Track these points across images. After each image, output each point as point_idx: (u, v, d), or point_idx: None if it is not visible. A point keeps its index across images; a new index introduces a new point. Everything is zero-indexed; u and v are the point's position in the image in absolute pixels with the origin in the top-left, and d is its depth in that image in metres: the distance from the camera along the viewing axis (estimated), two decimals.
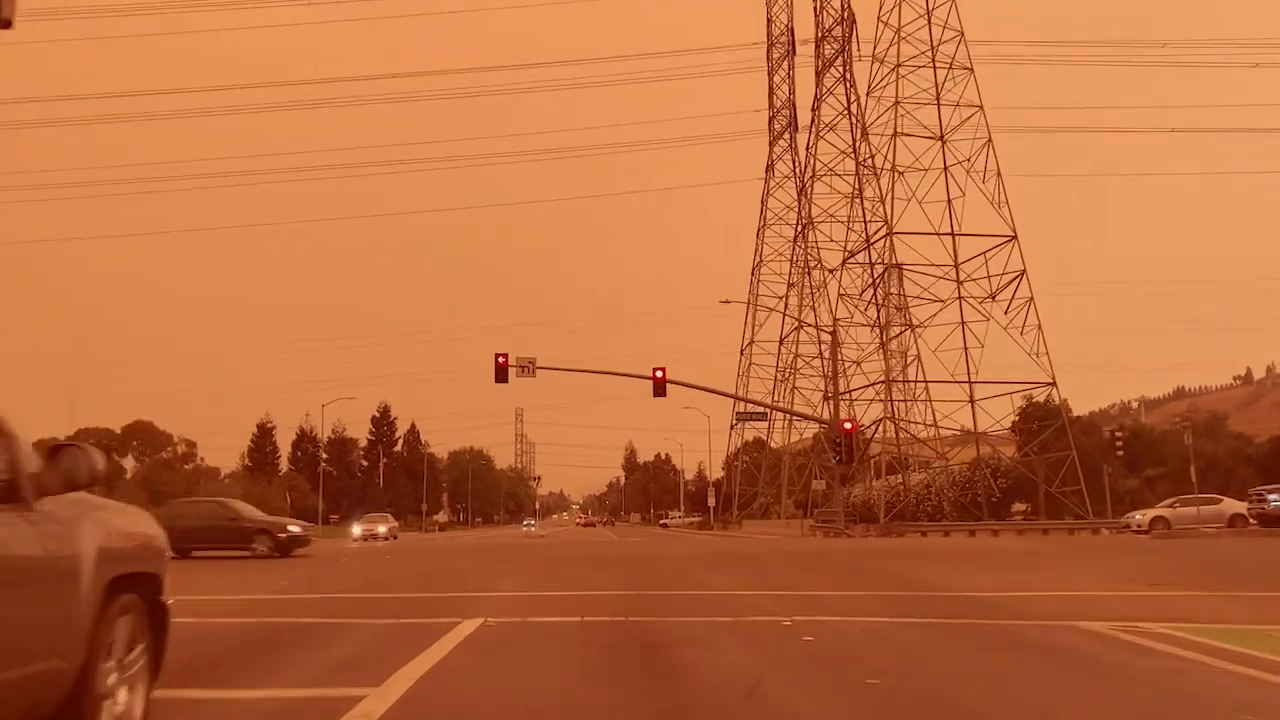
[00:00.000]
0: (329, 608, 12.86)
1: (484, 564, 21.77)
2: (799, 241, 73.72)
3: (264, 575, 18.76)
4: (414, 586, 15.91)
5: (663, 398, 43.11)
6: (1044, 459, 47.03)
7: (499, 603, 13.17)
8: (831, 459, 49.48)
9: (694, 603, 12.90)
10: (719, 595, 13.76)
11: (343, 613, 12.18)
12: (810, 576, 17.30)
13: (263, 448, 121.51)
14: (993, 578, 16.75)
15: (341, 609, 12.65)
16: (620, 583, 15.85)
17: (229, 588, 16.24)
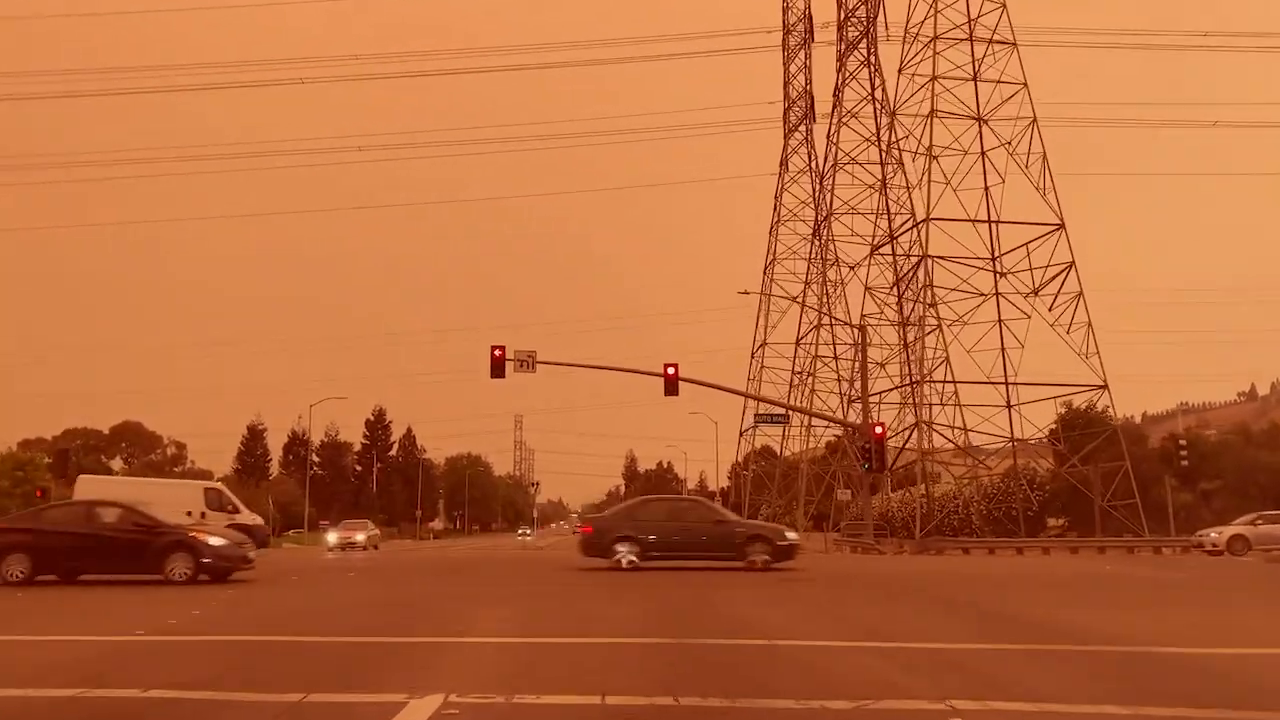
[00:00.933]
0: (215, 662, 8.54)
1: (466, 587, 17.43)
2: (817, 237, 69.43)
3: (163, 604, 14.35)
4: (361, 623, 11.57)
5: (673, 397, 38.62)
6: (1099, 469, 42.71)
7: (474, 659, 8.83)
8: (859, 466, 45.13)
9: (766, 662, 8.59)
10: (797, 648, 9.40)
11: (230, 675, 7.90)
12: (897, 614, 12.94)
13: (253, 450, 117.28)
14: (1150, 619, 12.42)
15: (232, 666, 8.34)
16: (647, 622, 11.51)
17: (91, 623, 11.92)
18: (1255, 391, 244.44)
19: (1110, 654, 9.32)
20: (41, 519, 19.48)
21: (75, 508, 20.48)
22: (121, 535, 18.25)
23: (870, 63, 62.69)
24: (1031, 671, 8.35)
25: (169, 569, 17.91)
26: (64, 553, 18.28)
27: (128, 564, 18.18)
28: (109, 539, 18.22)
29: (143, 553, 18.04)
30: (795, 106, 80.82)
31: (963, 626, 11.35)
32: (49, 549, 18.18)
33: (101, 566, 18.48)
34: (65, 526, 18.59)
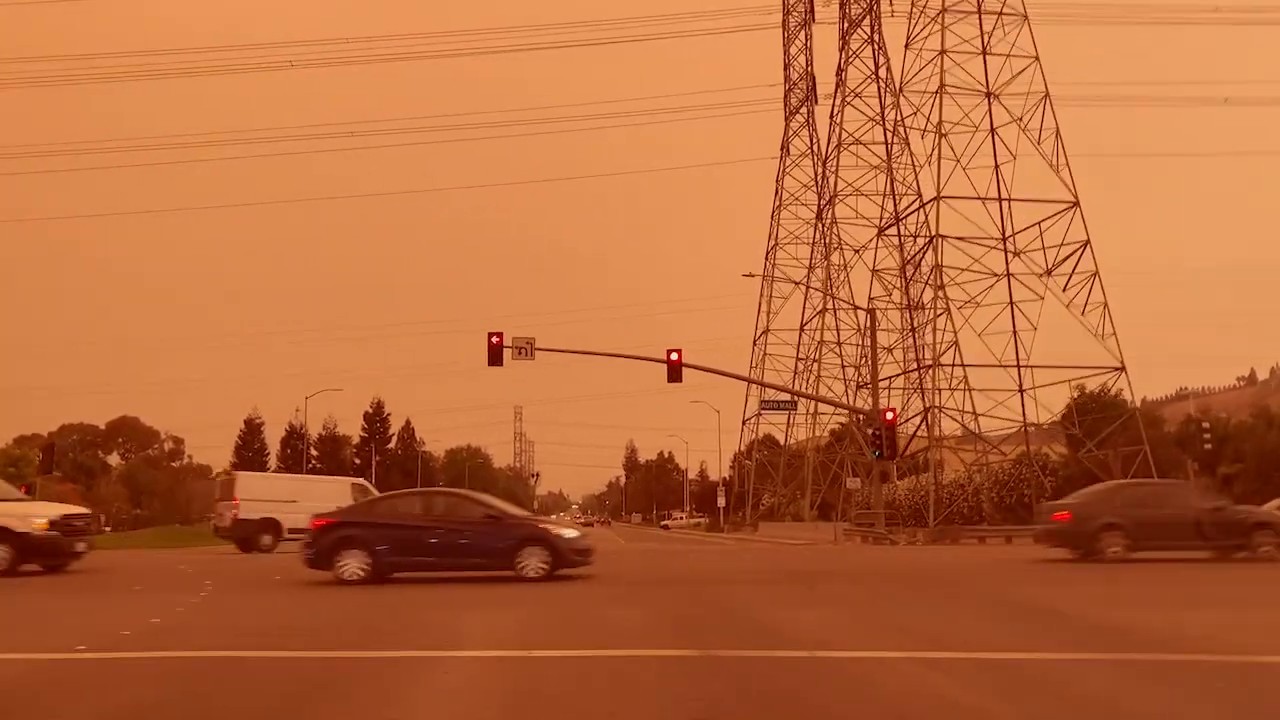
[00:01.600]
0: (161, 687, 7.13)
1: (458, 589, 16.05)
2: (820, 220, 67.98)
3: (133, 599, 12.98)
4: (334, 635, 10.18)
5: (676, 384, 37.17)
6: (1118, 453, 41.34)
7: (462, 681, 7.44)
8: (868, 454, 43.78)
9: (812, 681, 7.22)
10: (844, 661, 8.01)
11: (169, 708, 6.48)
12: (945, 615, 11.57)
13: (251, 444, 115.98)
14: (1229, 618, 11.05)
15: (171, 697, 6.93)
16: (661, 629, 10.14)
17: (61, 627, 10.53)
18: (1255, 376, 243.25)
19: (1207, 665, 7.96)
20: (376, 511, 17.76)
21: (411, 498, 18.90)
22: (467, 527, 16.70)
23: (874, 40, 61.12)
24: (1129, 689, 6.98)
25: (521, 564, 16.32)
26: (405, 547, 16.49)
27: (478, 558, 16.60)
28: (455, 531, 16.57)
29: (494, 546, 16.50)
30: (796, 89, 79.28)
31: (1024, 630, 9.98)
32: (390, 543, 16.44)
33: (445, 562, 16.67)
34: (404, 519, 16.85)
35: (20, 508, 20.33)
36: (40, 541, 19.18)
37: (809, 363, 67.06)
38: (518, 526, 16.95)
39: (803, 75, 78.84)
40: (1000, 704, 6.44)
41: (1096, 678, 7.45)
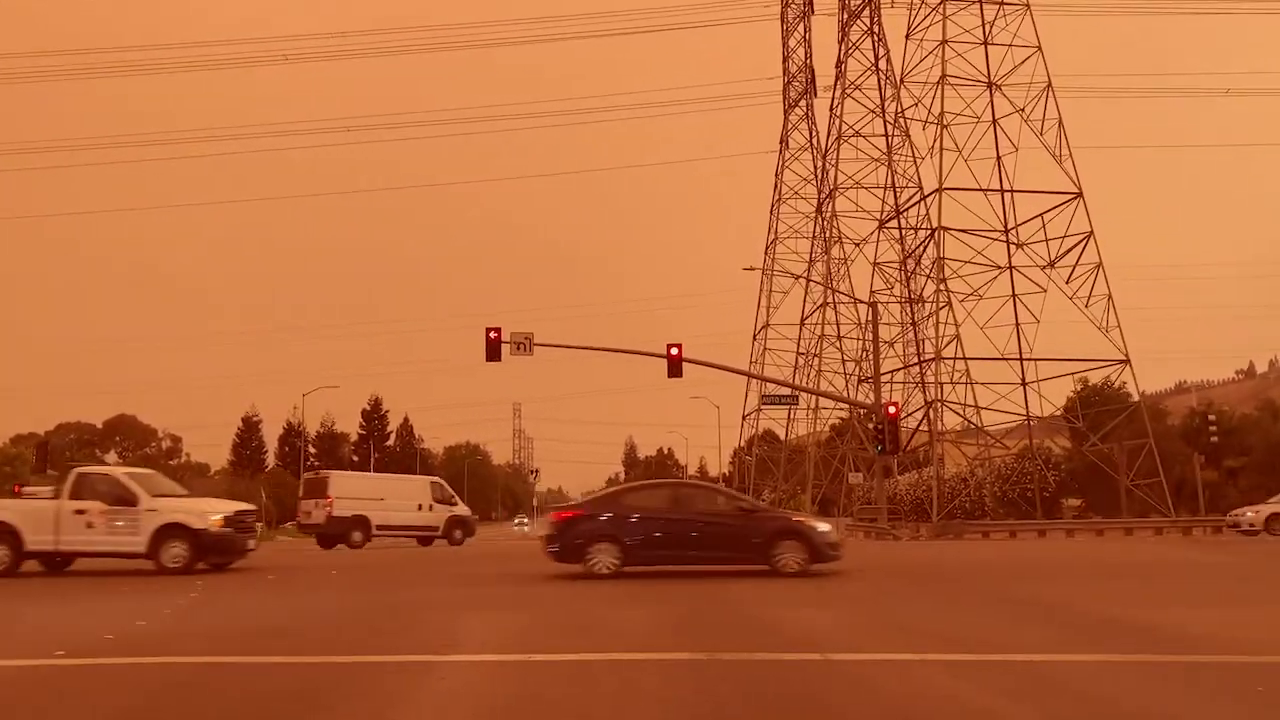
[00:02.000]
0: (136, 693, 6.70)
1: (456, 586, 15.64)
2: (820, 214, 67.53)
3: (121, 601, 12.54)
4: (328, 637, 9.77)
5: (676, 379, 36.69)
6: (1124, 446, 40.94)
7: (458, 688, 7.03)
8: (871, 449, 43.38)
9: (826, 686, 6.82)
10: (858, 664, 7.60)
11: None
12: (958, 615, 11.15)
13: (249, 442, 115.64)
14: (1257, 616, 10.65)
15: (154, 701, 6.51)
16: (666, 630, 9.72)
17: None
18: (1254, 369, 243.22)
19: (1241, 666, 7.55)
20: (622, 503, 16.91)
21: (658, 490, 18.24)
22: (719, 520, 16.13)
23: (874, 32, 60.69)
24: (1155, 692, 6.57)
25: (778, 558, 15.86)
26: (655, 540, 15.98)
27: (729, 552, 16.08)
28: (708, 524, 16.06)
29: (747, 539, 15.96)
30: (795, 81, 78.80)
31: (1040, 630, 9.57)
32: (640, 536, 15.99)
33: (694, 555, 16.13)
34: (653, 511, 16.33)
35: (194, 504, 20.12)
36: (216, 538, 18.93)
37: (809, 357, 66.65)
38: (771, 520, 16.56)
39: (802, 68, 78.38)
40: (1017, 706, 6.04)
41: (1121, 679, 7.04)
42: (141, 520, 18.75)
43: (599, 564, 15.84)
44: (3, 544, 18.86)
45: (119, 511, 18.85)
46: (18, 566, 18.99)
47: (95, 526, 18.84)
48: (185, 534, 18.64)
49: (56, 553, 19.44)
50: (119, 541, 18.81)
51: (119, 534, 18.76)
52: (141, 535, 18.66)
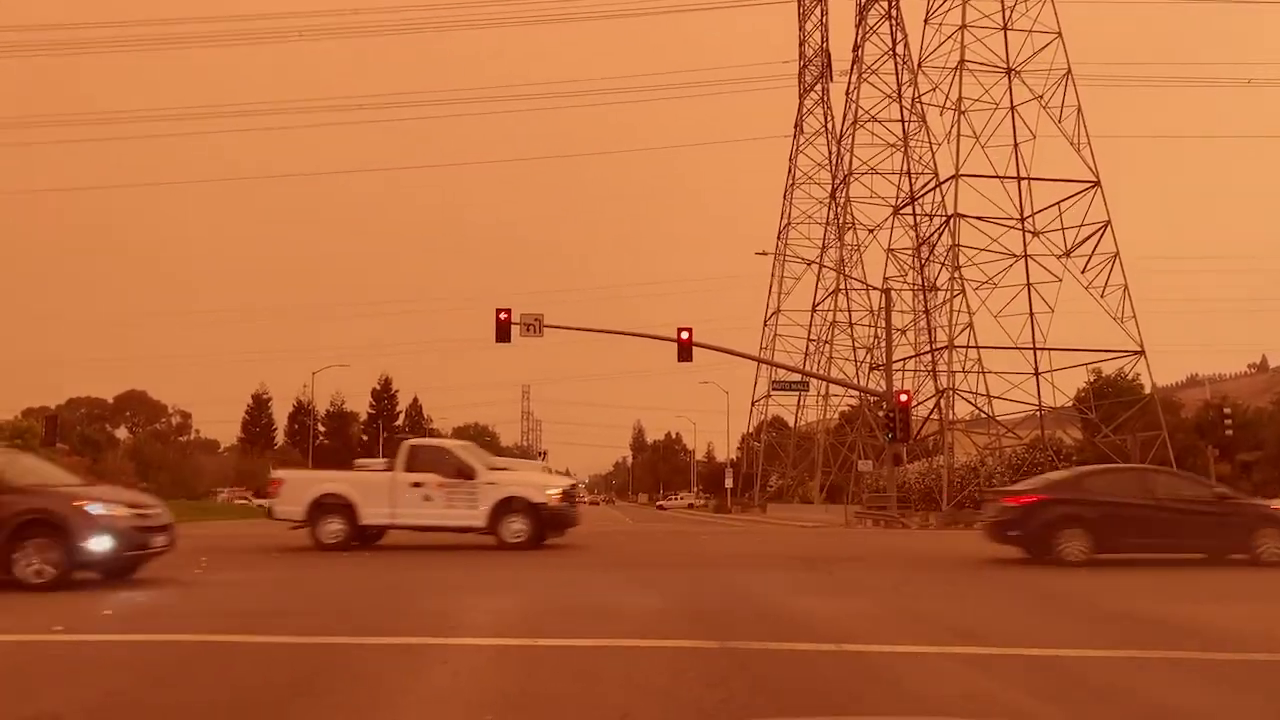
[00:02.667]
0: (125, 674, 6.51)
1: (460, 569, 15.46)
2: (834, 199, 67.03)
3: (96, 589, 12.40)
4: (329, 618, 9.58)
5: (686, 363, 36.44)
6: (1137, 438, 40.55)
7: (460, 671, 6.81)
8: (881, 436, 43.14)
9: (842, 678, 6.61)
10: (876, 656, 7.37)
11: (140, 690, 5.87)
12: (977, 606, 10.92)
13: (258, 419, 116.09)
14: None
15: (142, 682, 6.31)
16: (675, 616, 9.51)
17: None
18: (1266, 363, 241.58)
19: (1270, 665, 7.31)
20: (1087, 487, 16.05)
21: (1123, 475, 17.75)
22: (1195, 507, 15.47)
23: (892, 15, 60.10)
24: (1182, 689, 6.33)
25: (1259, 548, 15.22)
26: (1126, 526, 15.23)
27: (1207, 540, 15.48)
28: (1183, 511, 15.35)
29: (1227, 527, 15.32)
30: (811, 65, 78.17)
31: (1066, 624, 9.33)
32: (1111, 522, 15.30)
33: (1168, 543, 15.45)
34: (1122, 497, 15.65)
35: (529, 476, 19.71)
36: (554, 513, 18.45)
37: (820, 344, 66.32)
38: (1251, 508, 15.92)
39: (818, 51, 77.73)
40: (1044, 706, 5.81)
41: (1153, 677, 6.81)
42: (480, 493, 18.23)
43: (1070, 551, 15.11)
44: (338, 517, 18.40)
45: (457, 484, 18.33)
46: (352, 540, 18.48)
47: (433, 500, 18.32)
48: (526, 508, 18.05)
49: (392, 526, 18.90)
50: (458, 515, 18.31)
51: (457, 507, 18.26)
52: (480, 509, 18.13)
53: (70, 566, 11.50)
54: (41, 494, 12.10)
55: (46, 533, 11.48)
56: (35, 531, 11.46)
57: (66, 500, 11.94)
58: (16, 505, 11.55)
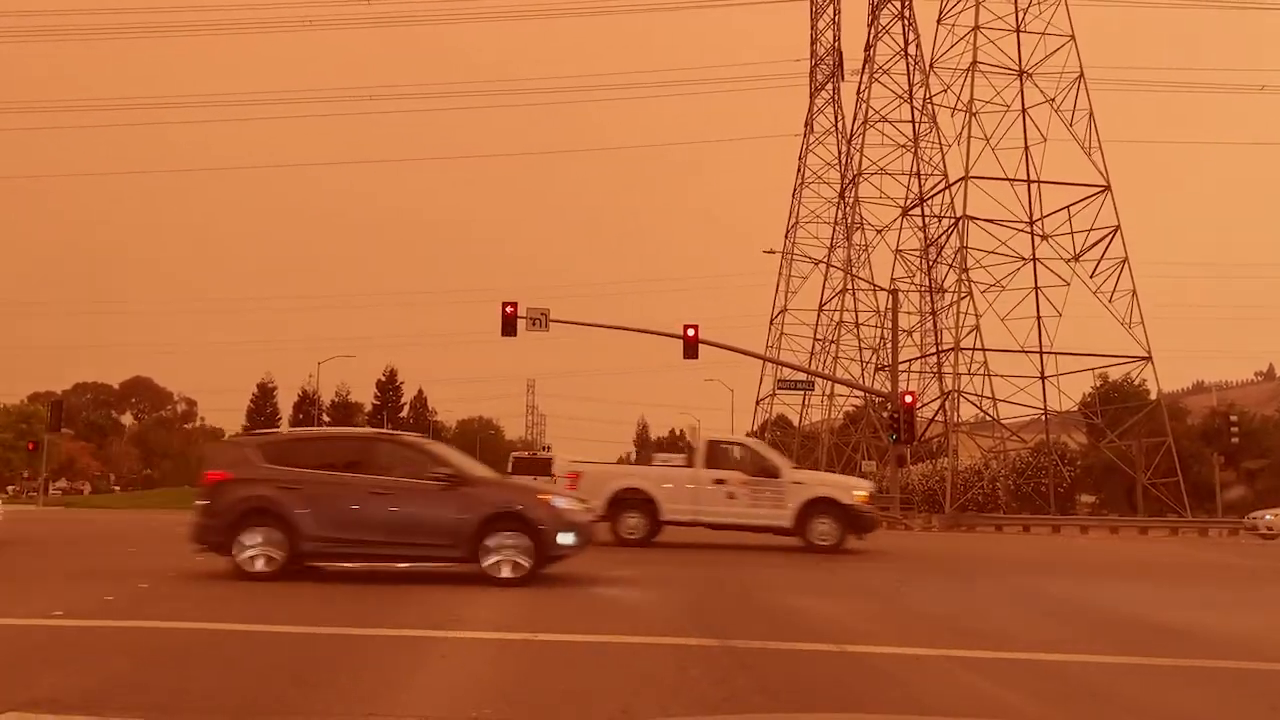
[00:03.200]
0: (121, 661, 6.49)
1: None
2: (843, 199, 66.91)
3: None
4: (327, 608, 9.57)
5: (692, 360, 36.38)
6: (1142, 444, 40.52)
7: (460, 665, 6.79)
8: (886, 437, 43.07)
9: (843, 679, 6.60)
10: (877, 658, 7.34)
11: (133, 681, 5.84)
12: (979, 609, 10.88)
13: (263, 408, 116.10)
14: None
15: (143, 666, 6.29)
16: (677, 614, 9.50)
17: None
18: (1273, 371, 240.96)
19: (1275, 674, 7.26)
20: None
21: None
22: None
23: (905, 16, 59.98)
24: (1186, 698, 6.29)
25: None
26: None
27: None
28: None
29: None
30: (822, 64, 77.96)
31: (1066, 628, 9.29)
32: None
33: None
34: None
35: (834, 478, 19.54)
36: (860, 515, 18.07)
37: (826, 343, 66.22)
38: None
39: (830, 50, 77.50)
40: (1046, 709, 5.78)
41: (1156, 684, 6.77)
42: (786, 493, 17.87)
43: None
44: (639, 512, 18.14)
45: (762, 483, 17.98)
46: (653, 536, 18.19)
47: (737, 498, 17.97)
48: (834, 509, 17.65)
49: (694, 523, 18.50)
50: (763, 515, 17.93)
51: (762, 506, 17.90)
52: (787, 509, 17.74)
53: (541, 562, 11.23)
54: (504, 487, 11.96)
55: (517, 527, 11.17)
56: (505, 525, 11.18)
57: (532, 494, 11.77)
58: (485, 498, 11.36)
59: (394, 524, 11.28)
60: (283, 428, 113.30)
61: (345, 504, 11.32)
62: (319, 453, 12.05)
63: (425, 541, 11.30)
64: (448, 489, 11.34)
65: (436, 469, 11.58)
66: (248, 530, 11.28)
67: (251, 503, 11.32)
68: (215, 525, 11.44)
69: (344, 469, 11.65)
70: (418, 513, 11.31)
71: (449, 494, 11.31)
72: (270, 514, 11.27)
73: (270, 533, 11.24)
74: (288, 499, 11.26)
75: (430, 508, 11.28)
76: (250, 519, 11.31)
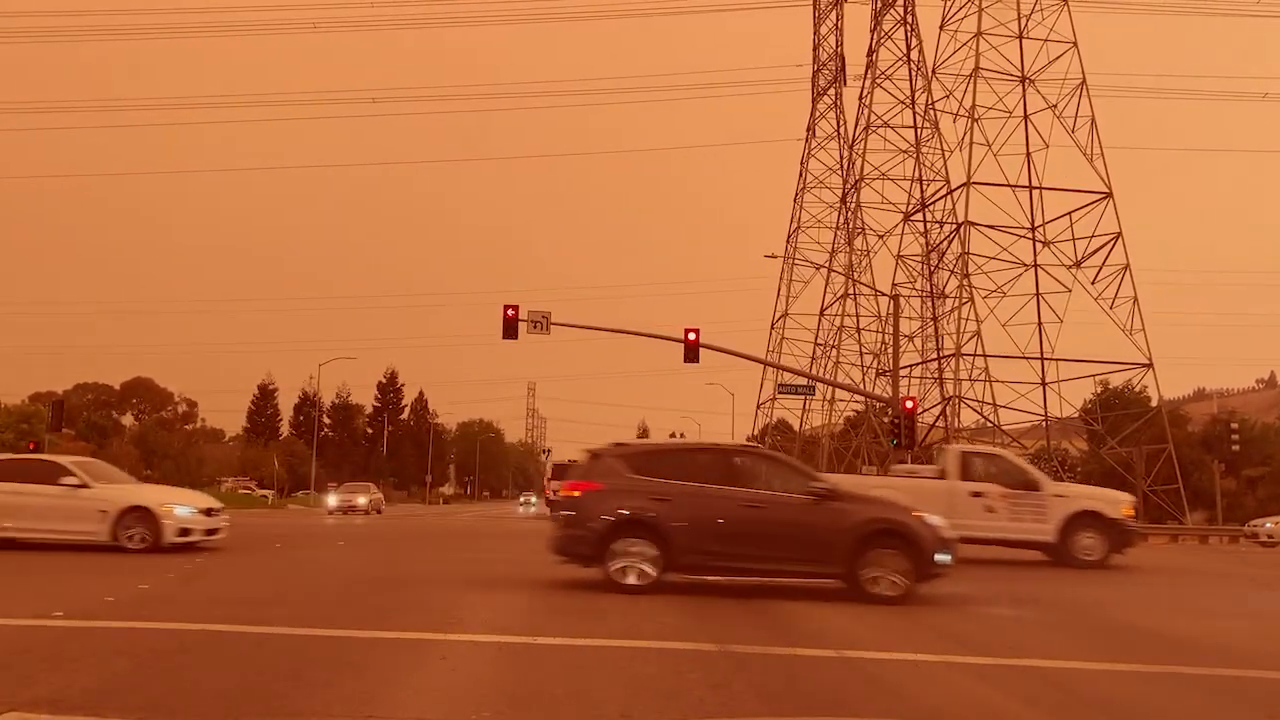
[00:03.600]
0: (118, 661, 6.50)
1: (461, 562, 15.46)
2: (845, 204, 66.95)
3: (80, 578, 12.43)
4: (326, 610, 9.59)
5: (692, 364, 36.37)
6: (1142, 451, 40.50)
7: (457, 668, 6.80)
8: (886, 442, 43.05)
9: (842, 685, 6.61)
10: (876, 663, 7.35)
11: (129, 683, 5.86)
12: (978, 614, 10.88)
13: (264, 410, 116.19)
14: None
15: (141, 667, 6.31)
16: (678, 618, 9.49)
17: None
18: (1275, 379, 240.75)
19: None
20: None
21: None
22: None
23: (907, 22, 60.00)
24: (1188, 707, 6.30)
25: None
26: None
27: None
28: None
29: None
30: (825, 69, 78.04)
31: (1068, 637, 9.29)
32: None
33: None
34: None
35: (1102, 492, 18.82)
36: (1125, 530, 17.53)
37: (827, 348, 66.20)
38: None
39: (832, 56, 77.59)
40: (1044, 718, 5.79)
41: (1159, 693, 6.77)
42: (1049, 507, 17.42)
43: None
44: None
45: (1022, 496, 17.52)
46: None
47: (996, 511, 17.46)
48: (1099, 523, 17.19)
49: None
50: (1024, 529, 17.46)
51: (1024, 520, 17.41)
52: (1050, 523, 17.29)
53: (919, 579, 11.00)
54: (876, 503, 11.73)
55: (897, 544, 10.92)
56: (884, 542, 10.91)
57: (907, 510, 11.46)
58: (859, 513, 11.12)
59: (768, 538, 11.03)
60: (283, 430, 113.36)
61: (719, 517, 11.04)
62: (684, 465, 11.71)
63: (800, 556, 11.09)
64: (819, 504, 11.13)
65: (808, 483, 11.42)
66: (620, 542, 11.03)
67: (625, 514, 11.06)
68: (585, 536, 11.15)
69: (709, 481, 11.34)
70: (792, 527, 11.05)
71: (821, 509, 11.10)
72: (644, 525, 11.01)
73: (644, 545, 10.98)
74: (662, 510, 11.01)
75: (804, 522, 11.04)
76: (622, 530, 11.06)
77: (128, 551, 14.85)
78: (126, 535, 15.03)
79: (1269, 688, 7.16)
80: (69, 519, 15.15)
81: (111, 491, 15.77)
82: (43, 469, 16.02)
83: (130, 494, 16.00)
